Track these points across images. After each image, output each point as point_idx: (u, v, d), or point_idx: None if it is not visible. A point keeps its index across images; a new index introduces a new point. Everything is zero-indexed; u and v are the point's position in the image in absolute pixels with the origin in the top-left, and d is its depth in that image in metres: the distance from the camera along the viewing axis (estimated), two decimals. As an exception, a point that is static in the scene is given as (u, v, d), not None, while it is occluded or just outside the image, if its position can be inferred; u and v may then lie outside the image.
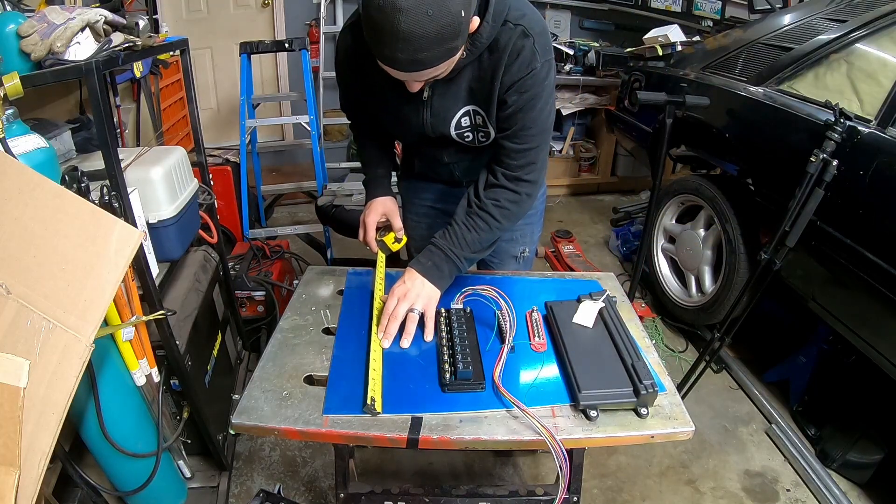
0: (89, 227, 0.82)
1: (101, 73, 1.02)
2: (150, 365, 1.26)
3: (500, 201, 1.13)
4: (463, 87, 1.09)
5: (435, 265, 1.12)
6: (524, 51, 1.02)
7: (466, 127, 1.14)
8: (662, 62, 2.79)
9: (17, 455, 0.73)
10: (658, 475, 1.76)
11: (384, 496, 1.09)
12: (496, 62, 1.04)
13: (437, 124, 1.14)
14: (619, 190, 4.17)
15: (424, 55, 0.87)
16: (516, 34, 1.02)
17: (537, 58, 1.03)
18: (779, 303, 2.17)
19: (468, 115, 1.13)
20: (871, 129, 1.54)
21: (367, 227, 1.31)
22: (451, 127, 1.14)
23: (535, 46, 1.02)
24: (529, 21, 1.03)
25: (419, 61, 0.89)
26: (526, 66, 1.03)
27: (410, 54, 0.87)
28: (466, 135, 1.16)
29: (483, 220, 1.13)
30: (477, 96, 1.10)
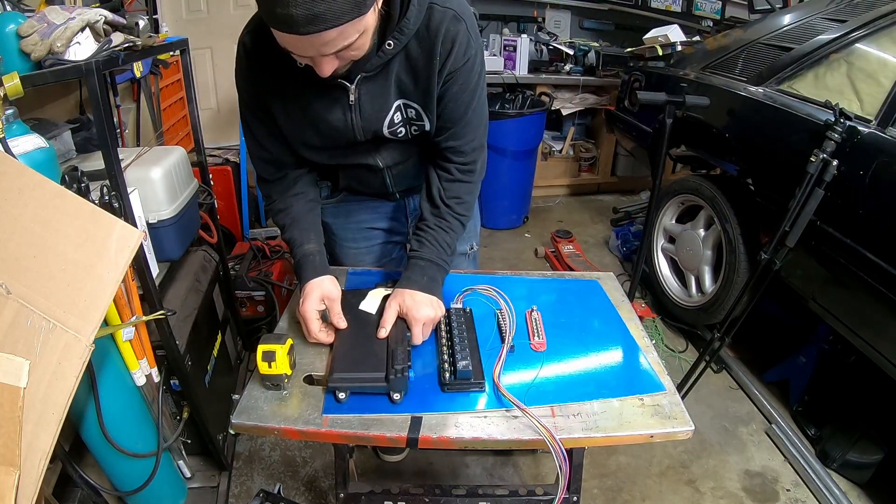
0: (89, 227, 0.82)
1: (101, 73, 1.02)
2: (150, 365, 1.26)
3: (462, 196, 1.13)
4: (392, 80, 1.00)
5: (430, 279, 1.10)
6: (459, 36, 0.96)
7: (399, 123, 1.06)
8: (662, 62, 2.80)
9: (17, 455, 0.73)
10: (658, 475, 1.76)
11: (384, 496, 1.09)
12: (429, 49, 0.96)
13: (369, 126, 1.05)
14: (619, 190, 4.17)
15: (324, 7, 0.74)
16: (448, 18, 0.95)
17: (472, 44, 0.98)
18: (779, 303, 2.17)
19: (399, 111, 1.04)
20: (871, 129, 1.54)
21: (308, 320, 1.03)
22: (384, 126, 1.05)
23: (469, 31, 0.97)
24: (458, 4, 0.96)
25: (318, 16, 0.75)
26: (462, 55, 0.98)
27: (307, 7, 0.73)
28: (399, 130, 1.07)
29: (454, 219, 1.13)
30: (408, 89, 1.02)
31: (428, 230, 1.12)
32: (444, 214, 1.13)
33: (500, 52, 3.63)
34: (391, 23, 0.93)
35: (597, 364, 1.06)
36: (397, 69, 0.99)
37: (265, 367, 0.92)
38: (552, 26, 4.16)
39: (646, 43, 3.02)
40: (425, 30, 0.95)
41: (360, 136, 1.06)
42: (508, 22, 4.15)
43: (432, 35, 0.95)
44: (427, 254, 1.11)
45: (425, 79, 1.00)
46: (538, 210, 3.76)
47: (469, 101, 1.04)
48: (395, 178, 1.22)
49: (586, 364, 1.05)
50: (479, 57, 1.01)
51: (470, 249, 1.44)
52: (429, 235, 1.12)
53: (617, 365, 1.07)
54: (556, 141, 3.97)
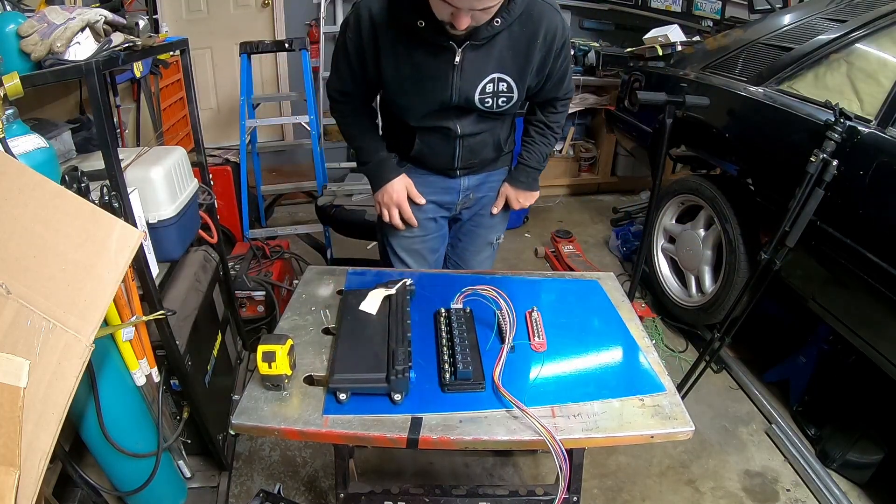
0: (89, 227, 0.82)
1: (101, 73, 1.02)
2: (150, 365, 1.26)
3: (561, 122, 1.46)
4: (494, 54, 1.18)
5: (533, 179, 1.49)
6: (559, 27, 1.20)
7: (489, 93, 1.23)
8: (662, 62, 2.79)
9: (17, 455, 0.73)
10: (658, 475, 1.76)
11: (384, 496, 1.09)
12: (531, 35, 1.18)
13: (465, 88, 1.21)
14: (619, 190, 4.17)
15: None
16: (548, 12, 1.18)
17: (566, 29, 1.24)
18: (779, 303, 2.17)
19: (492, 82, 1.22)
20: (871, 129, 1.54)
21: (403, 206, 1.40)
22: (476, 92, 1.22)
23: (563, 21, 1.22)
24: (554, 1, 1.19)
25: None
26: (561, 40, 1.23)
27: None
28: (487, 100, 1.25)
29: (553, 137, 1.47)
30: (506, 64, 1.20)
31: (534, 144, 1.46)
32: (547, 133, 1.45)
33: (500, 52, 3.62)
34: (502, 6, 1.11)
35: (597, 364, 1.06)
36: (500, 45, 1.18)
37: (265, 367, 0.93)
38: (552, 26, 4.15)
39: (646, 43, 3.02)
40: (528, 17, 1.16)
41: (455, 96, 1.22)
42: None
43: (535, 22, 1.17)
44: (533, 162, 1.47)
45: (524, 56, 1.20)
46: (538, 210, 3.76)
47: (568, 65, 1.33)
48: (464, 151, 1.37)
49: (586, 364, 1.05)
50: (569, 36, 1.28)
51: (496, 240, 1.61)
52: (536, 148, 1.46)
53: (617, 365, 1.07)
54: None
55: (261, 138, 3.28)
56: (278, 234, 2.82)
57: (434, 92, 1.22)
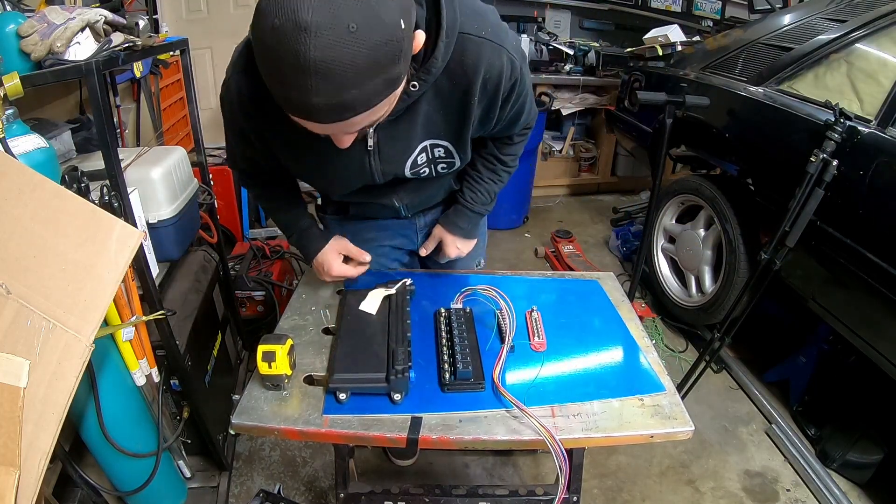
0: (89, 227, 0.82)
1: (101, 73, 1.02)
2: (150, 365, 1.26)
3: (516, 154, 1.18)
4: (419, 121, 0.91)
5: (473, 226, 1.24)
6: (504, 68, 0.87)
7: (423, 163, 1.00)
8: (662, 62, 2.79)
9: (17, 455, 0.73)
10: (658, 475, 1.76)
11: (384, 496, 1.09)
12: (466, 85, 0.87)
13: (389, 169, 0.98)
14: (619, 190, 4.17)
15: (352, 94, 0.62)
16: (487, 52, 0.84)
17: (515, 65, 0.89)
18: (779, 303, 2.17)
19: (425, 151, 0.97)
20: (871, 129, 1.54)
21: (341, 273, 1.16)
22: (405, 168, 0.99)
23: (511, 55, 0.88)
24: (493, 28, 0.86)
25: (345, 105, 0.63)
26: (509, 80, 0.90)
27: (330, 96, 0.61)
28: (423, 170, 1.02)
29: (506, 173, 1.19)
30: (438, 127, 0.94)
31: (481, 182, 1.18)
32: (498, 170, 1.18)
33: (500, 52, 3.62)
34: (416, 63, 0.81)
35: (597, 364, 1.06)
36: (425, 108, 0.90)
37: (265, 367, 0.92)
38: (552, 26, 4.16)
39: (646, 43, 3.02)
40: (459, 65, 0.84)
41: (379, 179, 1.00)
42: (508, 22, 4.14)
43: (469, 71, 0.85)
44: (476, 205, 1.20)
45: (459, 115, 0.92)
46: (538, 210, 3.76)
47: (524, 100, 1.01)
48: (409, 208, 1.21)
49: (586, 364, 1.05)
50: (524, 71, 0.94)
51: (477, 266, 1.46)
52: (481, 186, 1.18)
53: (617, 365, 1.07)
54: (556, 141, 3.97)
55: (261, 138, 3.28)
56: (278, 234, 2.82)
57: (350, 178, 1.00)
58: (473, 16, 0.84)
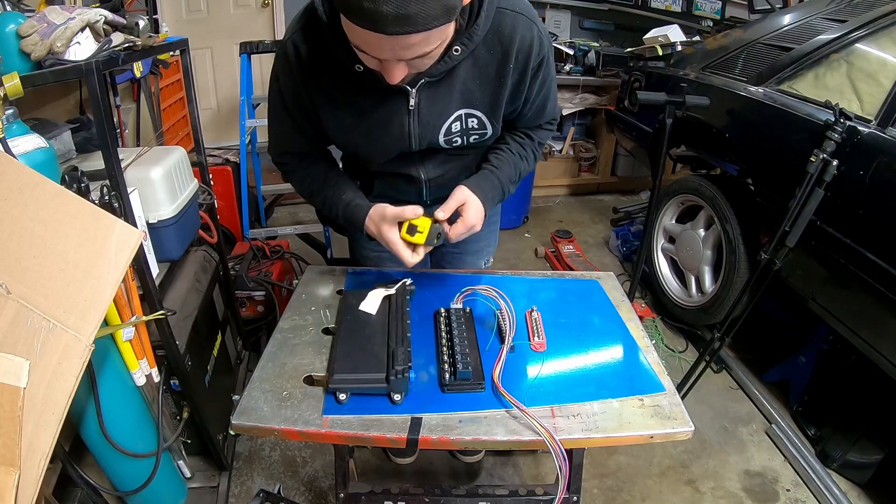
0: (89, 227, 0.82)
1: (101, 73, 1.02)
2: (150, 365, 1.26)
3: (544, 141, 1.20)
4: (457, 88, 0.97)
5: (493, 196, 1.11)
6: (534, 41, 0.95)
7: (457, 132, 1.04)
8: (662, 62, 2.80)
9: (17, 455, 0.73)
10: (658, 475, 1.76)
11: (384, 496, 1.09)
12: (502, 57, 0.95)
13: (426, 134, 1.02)
14: (619, 190, 4.17)
15: (415, 9, 0.69)
16: (521, 24, 0.93)
17: (545, 42, 0.98)
18: (779, 303, 2.17)
19: (459, 121, 1.02)
20: (871, 129, 1.54)
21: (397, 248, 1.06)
22: (440, 135, 1.03)
23: (541, 31, 0.97)
24: (524, 5, 0.95)
25: (409, 17, 0.69)
26: (538, 56, 0.98)
27: (399, 4, 0.68)
28: (456, 140, 1.05)
29: (533, 154, 1.18)
30: (474, 97, 1.00)
31: (510, 154, 1.14)
32: (525, 145, 1.16)
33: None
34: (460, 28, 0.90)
35: (597, 364, 1.06)
36: (463, 76, 0.96)
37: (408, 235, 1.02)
38: (552, 26, 4.16)
39: (646, 43, 3.02)
40: (495, 35, 0.93)
41: (416, 144, 1.03)
42: (508, 22, 4.15)
43: (505, 41, 0.93)
44: (503, 174, 1.12)
45: (495, 85, 0.98)
46: (538, 210, 3.76)
47: (550, 85, 1.08)
48: (431, 190, 1.20)
49: (586, 364, 1.05)
50: (550, 46, 1.03)
51: (485, 264, 1.45)
52: (510, 158, 1.14)
53: (617, 365, 1.07)
54: (556, 141, 3.97)
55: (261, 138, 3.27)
56: (278, 234, 2.82)
57: (388, 141, 1.03)
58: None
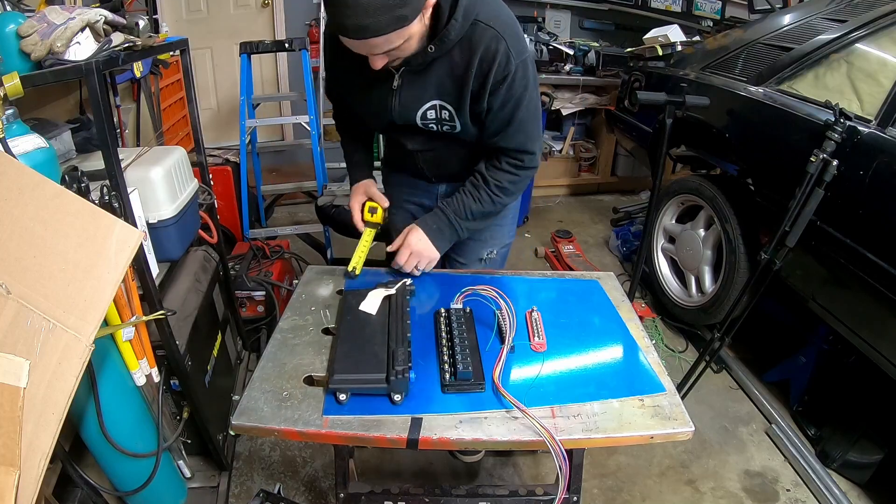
0: (89, 227, 0.82)
1: (101, 73, 1.02)
2: (150, 365, 1.26)
3: (502, 182, 1.24)
4: (432, 80, 1.12)
5: (439, 229, 1.26)
6: (498, 55, 1.05)
7: (432, 119, 1.18)
8: (662, 62, 2.79)
9: (17, 455, 0.73)
10: (658, 475, 1.76)
11: (384, 496, 1.09)
12: (468, 60, 1.07)
13: (404, 112, 1.18)
14: (619, 190, 4.17)
15: (370, 21, 0.90)
16: (488, 36, 1.05)
17: (512, 61, 1.07)
18: (779, 303, 2.17)
19: (434, 109, 1.16)
20: (871, 129, 1.54)
21: (353, 211, 1.39)
22: (417, 117, 1.18)
23: (510, 49, 1.06)
24: (502, 24, 1.06)
25: (366, 27, 0.91)
26: (502, 70, 1.07)
27: (357, 19, 0.90)
28: (431, 125, 1.20)
29: (487, 195, 1.24)
30: (446, 91, 1.13)
31: (462, 193, 1.27)
32: (479, 187, 1.25)
33: (500, 52, 3.62)
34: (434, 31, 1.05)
35: (597, 364, 1.06)
36: (439, 72, 1.11)
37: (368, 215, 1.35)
38: (552, 26, 4.16)
39: (646, 43, 3.02)
40: (467, 43, 1.06)
41: (397, 118, 1.19)
42: (508, 22, 4.14)
43: (473, 47, 1.06)
44: (448, 210, 1.26)
45: (460, 85, 1.11)
46: (538, 210, 3.76)
47: (514, 109, 1.13)
48: (426, 163, 1.35)
49: (586, 364, 1.05)
50: (520, 71, 1.09)
51: (488, 255, 1.49)
52: (460, 197, 1.26)
53: (617, 365, 1.07)
54: (556, 141, 3.97)
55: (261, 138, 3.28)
56: (278, 234, 2.82)
57: (377, 111, 1.21)
58: (491, 10, 1.06)
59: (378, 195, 1.39)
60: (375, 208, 1.37)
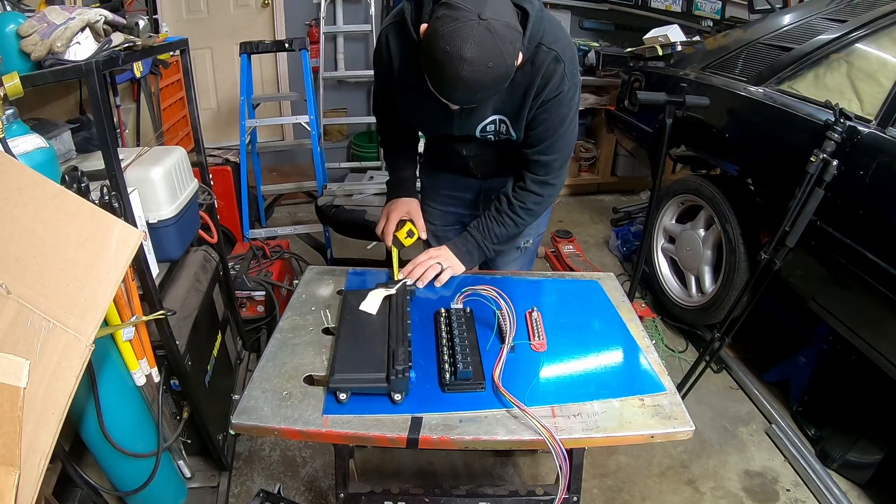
0: (89, 227, 0.82)
1: (101, 73, 1.02)
2: (150, 365, 1.26)
3: (527, 204, 1.30)
4: (493, 99, 1.16)
5: (468, 251, 1.33)
6: (555, 75, 1.12)
7: (490, 131, 1.24)
8: (662, 62, 2.79)
9: (17, 455, 0.73)
10: (658, 475, 1.76)
11: (384, 496, 1.09)
12: (529, 80, 1.13)
13: (465, 127, 1.24)
14: (619, 190, 4.17)
15: (479, 96, 1.01)
16: (550, 58, 1.11)
17: (566, 82, 1.14)
18: (779, 303, 2.17)
19: (493, 123, 1.22)
20: (871, 129, 1.54)
21: (389, 220, 1.39)
22: (476, 130, 1.24)
23: (566, 71, 1.13)
24: (562, 47, 1.12)
25: (473, 100, 1.03)
26: (555, 89, 1.14)
27: (468, 97, 1.00)
28: (489, 136, 1.26)
29: (511, 218, 1.31)
30: (505, 107, 1.19)
31: (488, 217, 1.33)
32: (504, 211, 1.31)
33: (500, 52, 3.62)
34: None
35: (597, 364, 1.06)
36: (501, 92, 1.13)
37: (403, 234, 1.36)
38: (552, 26, 4.15)
39: (646, 43, 3.02)
40: (530, 64, 1.11)
41: (456, 131, 1.25)
42: (508, 22, 4.14)
43: (535, 71, 1.12)
44: (476, 234, 1.33)
45: (520, 104, 1.17)
46: (538, 210, 3.76)
47: (557, 126, 1.21)
48: (476, 163, 1.39)
49: (586, 364, 1.06)
50: (570, 93, 1.17)
51: (525, 244, 1.54)
52: (487, 221, 1.33)
53: (617, 365, 1.07)
54: (555, 141, 3.96)
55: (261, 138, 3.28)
56: (278, 234, 2.82)
57: (437, 126, 1.27)
58: (553, 34, 1.12)
59: (421, 222, 1.40)
60: (413, 233, 1.38)
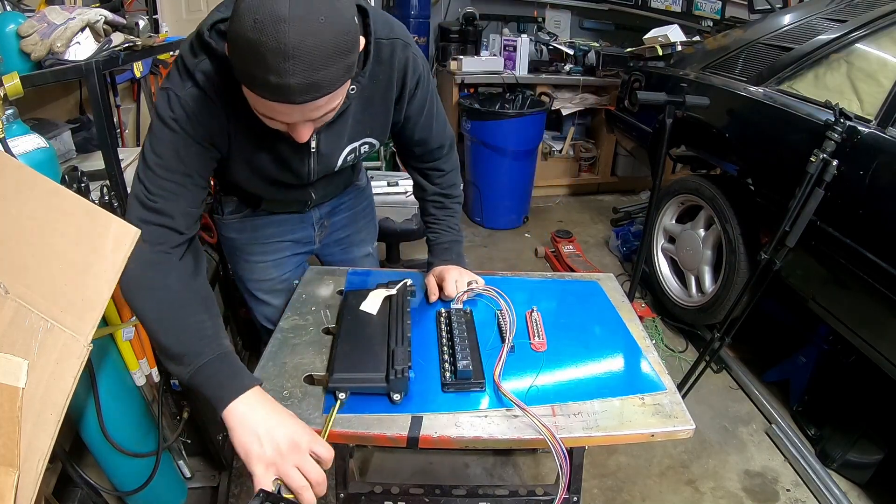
0: (85, 225, 0.81)
1: (101, 73, 1.02)
2: (150, 365, 1.26)
3: (455, 182, 1.27)
4: (349, 123, 1.00)
5: (457, 254, 1.26)
6: (408, 61, 1.00)
7: (350, 160, 1.09)
8: (662, 62, 2.80)
9: (16, 455, 0.73)
10: (658, 475, 1.75)
11: (384, 496, 1.09)
12: (386, 82, 0.99)
13: (323, 168, 1.06)
14: (619, 190, 4.17)
15: (323, 74, 0.70)
16: (398, 48, 0.98)
17: (419, 61, 1.03)
18: (779, 303, 2.17)
19: (354, 151, 1.07)
20: (871, 129, 1.54)
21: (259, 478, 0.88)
22: (336, 165, 1.08)
23: (414, 52, 1.01)
24: (399, 31, 0.99)
25: (317, 84, 0.70)
26: (413, 74, 1.03)
27: (305, 75, 0.68)
28: (348, 164, 1.12)
29: (455, 203, 1.28)
30: (365, 127, 1.04)
31: (439, 221, 1.28)
32: (447, 205, 1.27)
33: (500, 52, 3.63)
34: None
35: (597, 364, 1.06)
36: (354, 109, 0.99)
37: None
38: (552, 26, 4.16)
39: (646, 43, 3.02)
40: (377, 65, 0.95)
41: (314, 177, 1.08)
42: (508, 22, 4.15)
43: (386, 68, 0.98)
44: (446, 238, 1.26)
45: (381, 111, 1.04)
46: (538, 210, 3.76)
47: (431, 108, 1.12)
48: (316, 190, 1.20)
49: (587, 364, 1.05)
50: (426, 71, 1.07)
51: (373, 249, 1.51)
52: (441, 224, 1.27)
53: (617, 365, 1.07)
54: (556, 141, 3.97)
55: (261, 138, 3.28)
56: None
57: (287, 177, 1.05)
58: (383, 23, 0.97)
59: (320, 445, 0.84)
60: None
